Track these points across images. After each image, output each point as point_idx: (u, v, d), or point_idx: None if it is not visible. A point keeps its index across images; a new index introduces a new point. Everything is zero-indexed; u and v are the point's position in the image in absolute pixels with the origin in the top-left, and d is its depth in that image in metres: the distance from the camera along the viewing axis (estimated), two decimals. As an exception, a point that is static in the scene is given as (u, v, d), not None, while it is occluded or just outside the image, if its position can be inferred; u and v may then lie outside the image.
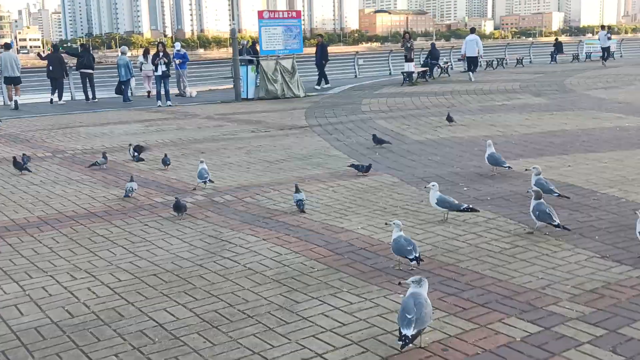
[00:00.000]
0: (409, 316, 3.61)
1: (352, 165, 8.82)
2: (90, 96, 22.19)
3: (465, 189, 7.56)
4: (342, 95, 21.83)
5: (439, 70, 28.21)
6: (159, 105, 19.95)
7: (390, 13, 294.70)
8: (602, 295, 4.35)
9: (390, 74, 31.49)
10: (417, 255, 4.89)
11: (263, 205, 7.23)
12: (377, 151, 10.46)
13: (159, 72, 19.79)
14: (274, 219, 6.65)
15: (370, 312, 4.25)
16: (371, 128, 13.26)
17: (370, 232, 6.01)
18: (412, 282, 3.81)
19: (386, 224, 5.93)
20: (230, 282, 4.96)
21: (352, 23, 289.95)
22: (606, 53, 33.91)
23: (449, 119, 13.20)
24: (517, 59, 34.83)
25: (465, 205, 6.24)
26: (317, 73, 25.61)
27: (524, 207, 6.63)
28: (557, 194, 6.52)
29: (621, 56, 40.50)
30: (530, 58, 37.61)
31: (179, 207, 6.82)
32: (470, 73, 25.38)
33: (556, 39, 39.66)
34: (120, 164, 9.98)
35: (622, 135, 10.93)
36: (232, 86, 22.18)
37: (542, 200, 5.80)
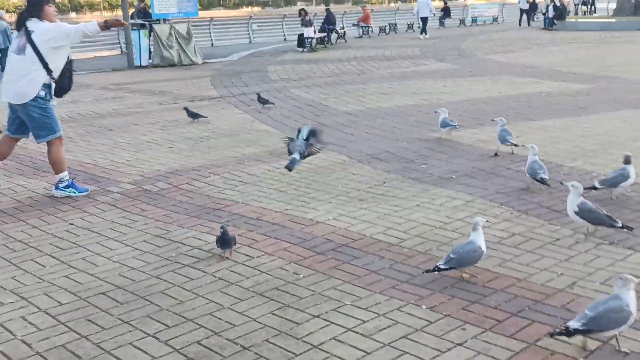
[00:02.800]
0: None
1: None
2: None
3: (423, 166, 6.97)
4: (243, 62, 20.73)
5: (336, 35, 27.64)
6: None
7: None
8: (638, 292, 3.87)
9: (285, 39, 30.57)
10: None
11: (206, 194, 6.28)
12: (308, 124, 9.66)
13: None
14: (226, 210, 5.74)
15: (393, 334, 3.54)
16: (289, 98, 12.45)
17: (346, 224, 5.27)
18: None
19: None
20: (203, 298, 4.06)
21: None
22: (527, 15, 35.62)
23: (262, 100, 11.27)
24: (408, 25, 34.94)
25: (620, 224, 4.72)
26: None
27: (495, 185, 6.17)
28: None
29: (503, 20, 41.75)
30: (419, 23, 37.85)
31: (226, 242, 4.63)
32: (423, 33, 27.94)
33: (445, 4, 40.12)
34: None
35: (552, 101, 10.79)
36: (119, 52, 20.48)
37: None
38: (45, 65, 6.10)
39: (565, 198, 5.63)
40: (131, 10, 20.66)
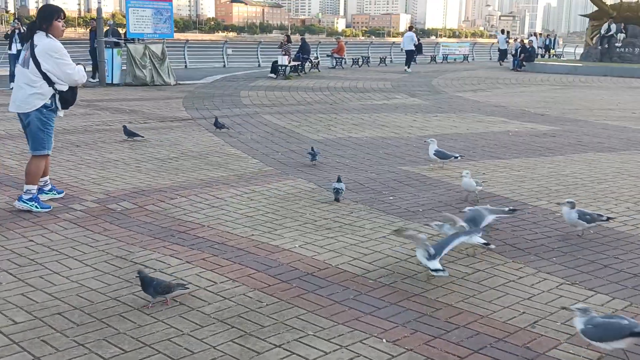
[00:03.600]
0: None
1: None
2: None
3: (391, 198, 7.00)
4: (216, 85, 20.73)
5: (310, 65, 27.86)
6: (12, 88, 17.79)
7: (246, 4, 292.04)
8: (601, 334, 3.90)
9: (259, 65, 30.70)
10: None
11: (172, 216, 6.20)
12: (278, 151, 9.68)
13: (14, 51, 17.66)
14: (191, 234, 5.67)
15: (355, 366, 3.50)
16: (261, 124, 12.46)
17: (312, 252, 5.24)
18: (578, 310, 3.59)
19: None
20: (162, 323, 3.98)
21: (208, 11, 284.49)
22: (503, 55, 37.43)
23: (219, 125, 11.24)
24: (380, 58, 35.42)
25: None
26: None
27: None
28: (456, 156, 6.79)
29: (473, 59, 42.60)
30: (391, 58, 38.43)
31: (149, 287, 4.20)
32: (407, 66, 29.63)
33: (418, 40, 40.77)
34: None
35: (518, 141, 10.97)
36: (90, 69, 20.31)
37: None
38: (47, 78, 6.10)
39: (528, 237, 5.72)
40: (106, 28, 20.53)
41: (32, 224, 5.89)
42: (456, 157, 8.46)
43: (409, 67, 29.54)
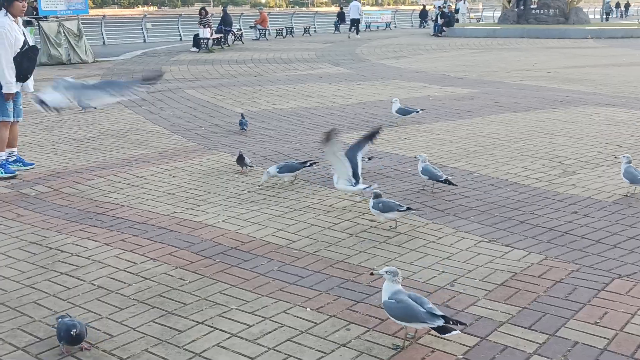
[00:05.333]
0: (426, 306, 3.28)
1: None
2: None
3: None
4: (136, 61, 20.14)
5: (233, 37, 27.42)
6: None
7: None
8: (517, 289, 4.04)
9: (181, 39, 30.01)
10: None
11: (89, 197, 6.01)
12: (201, 125, 9.51)
13: None
14: (110, 215, 5.51)
15: (278, 338, 3.50)
16: (183, 99, 12.20)
17: (236, 226, 5.19)
18: (387, 272, 3.42)
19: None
20: (80, 308, 3.86)
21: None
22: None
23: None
24: (304, 28, 35.20)
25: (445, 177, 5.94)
26: None
27: (382, 186, 6.25)
28: (443, 180, 5.89)
29: (396, 27, 42.93)
30: (315, 28, 38.29)
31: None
32: (353, 32, 32.05)
33: (341, 9, 40.76)
34: None
35: (438, 105, 11.15)
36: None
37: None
38: None
39: (448, 198, 5.84)
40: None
41: (-61, 214, 5.59)
42: (417, 112, 9.26)
43: (357, 34, 32.04)
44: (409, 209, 5.08)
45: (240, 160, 6.71)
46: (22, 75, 6.62)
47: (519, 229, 5.12)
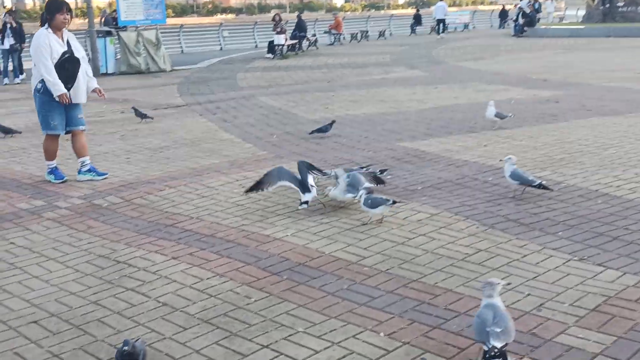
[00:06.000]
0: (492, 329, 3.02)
1: (315, 131, 8.78)
2: None
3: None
4: (212, 69, 20.42)
5: (308, 43, 27.45)
6: (6, 84, 17.74)
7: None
8: (611, 315, 3.64)
9: (256, 46, 30.31)
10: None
11: (160, 208, 5.95)
12: (273, 133, 9.39)
13: (6, 46, 17.55)
14: (179, 227, 5.42)
15: (347, 364, 3.26)
16: (256, 106, 12.17)
17: (304, 240, 4.98)
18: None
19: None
20: (144, 327, 3.74)
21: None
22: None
23: (140, 114, 10.54)
24: (379, 32, 34.90)
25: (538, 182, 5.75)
26: None
27: (461, 197, 5.92)
28: (537, 184, 5.70)
29: (474, 27, 41.96)
30: (391, 30, 37.90)
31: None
32: (440, 32, 32.65)
33: (417, 11, 40.21)
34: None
35: (520, 108, 10.62)
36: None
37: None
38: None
39: (533, 210, 5.43)
40: (97, 18, 20.21)
41: (15, 225, 5.66)
42: (510, 117, 9.04)
43: (442, 33, 32.70)
44: (394, 202, 5.23)
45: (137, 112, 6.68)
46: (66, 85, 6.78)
47: (612, 246, 4.67)
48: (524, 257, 4.56)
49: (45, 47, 6.68)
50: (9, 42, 18.02)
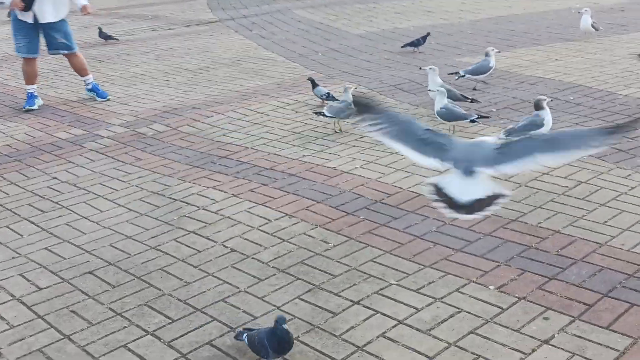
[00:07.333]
0: None
1: (408, 45, 8.14)
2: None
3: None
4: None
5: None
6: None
7: None
8: None
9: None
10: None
11: (210, 138, 5.44)
12: (317, 50, 8.72)
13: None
14: (234, 159, 4.92)
15: (458, 328, 2.79)
16: (294, 20, 11.40)
17: (376, 174, 4.46)
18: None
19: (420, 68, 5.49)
20: (214, 278, 3.31)
21: None
22: None
23: (104, 36, 10.12)
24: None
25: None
26: None
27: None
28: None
29: None
30: None
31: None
32: None
33: None
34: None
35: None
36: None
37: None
38: None
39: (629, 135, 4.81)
40: None
41: (55, 157, 5.21)
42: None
43: None
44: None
45: (314, 87, 6.07)
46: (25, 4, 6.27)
47: None
48: (631, 189, 4.00)
49: None
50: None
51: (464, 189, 2.60)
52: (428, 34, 8.24)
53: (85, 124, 6.03)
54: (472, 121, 4.98)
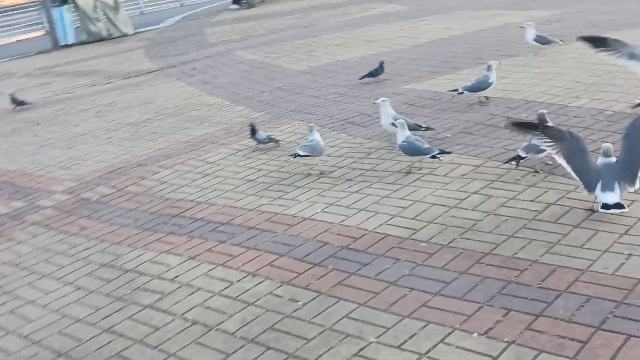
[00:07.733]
0: None
1: (366, 76, 7.92)
2: None
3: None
4: (178, 27, 19.20)
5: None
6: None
7: None
8: None
9: (219, -4, 28.85)
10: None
11: (159, 195, 5.16)
12: (263, 91, 8.53)
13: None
14: (187, 216, 4.64)
15: (449, 384, 2.56)
16: (235, 62, 11.22)
17: (339, 216, 4.24)
18: None
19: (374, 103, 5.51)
20: (175, 358, 3.01)
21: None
22: None
23: (18, 102, 9.60)
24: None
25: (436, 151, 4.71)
26: None
27: (501, 141, 5.20)
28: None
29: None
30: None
31: None
32: None
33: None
34: None
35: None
36: (43, 33, 18.79)
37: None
38: None
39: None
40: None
41: (-6, 236, 4.85)
42: (561, 42, 8.04)
43: None
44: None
45: (254, 133, 5.74)
46: None
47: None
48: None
49: None
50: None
51: None
52: (382, 62, 8.12)
53: (25, 194, 5.68)
54: (433, 157, 4.71)
